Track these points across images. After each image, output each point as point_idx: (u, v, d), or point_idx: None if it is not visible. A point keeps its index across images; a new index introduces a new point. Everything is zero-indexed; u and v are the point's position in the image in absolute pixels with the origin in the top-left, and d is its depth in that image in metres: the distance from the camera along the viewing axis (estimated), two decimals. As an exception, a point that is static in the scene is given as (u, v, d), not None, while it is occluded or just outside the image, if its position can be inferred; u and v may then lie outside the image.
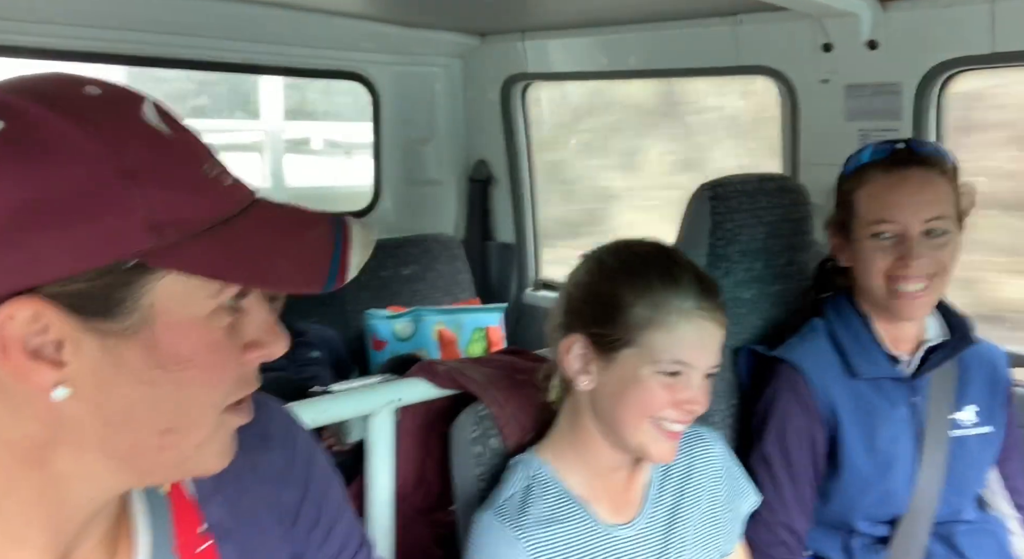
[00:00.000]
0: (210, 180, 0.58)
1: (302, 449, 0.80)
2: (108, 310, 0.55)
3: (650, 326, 1.08)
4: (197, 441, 0.61)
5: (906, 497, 1.45)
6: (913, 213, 1.41)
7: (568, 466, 1.17)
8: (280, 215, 0.62)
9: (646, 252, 1.15)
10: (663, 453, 1.12)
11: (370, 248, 0.62)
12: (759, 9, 1.96)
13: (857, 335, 1.51)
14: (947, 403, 1.49)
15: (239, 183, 0.61)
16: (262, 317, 0.63)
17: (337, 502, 0.84)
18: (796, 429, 1.47)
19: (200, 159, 0.59)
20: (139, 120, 0.57)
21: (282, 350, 0.65)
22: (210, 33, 2.25)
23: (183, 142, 0.59)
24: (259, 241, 0.58)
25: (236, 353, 0.61)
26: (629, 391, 1.10)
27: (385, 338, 2.37)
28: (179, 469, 0.64)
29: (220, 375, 0.61)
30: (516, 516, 1.11)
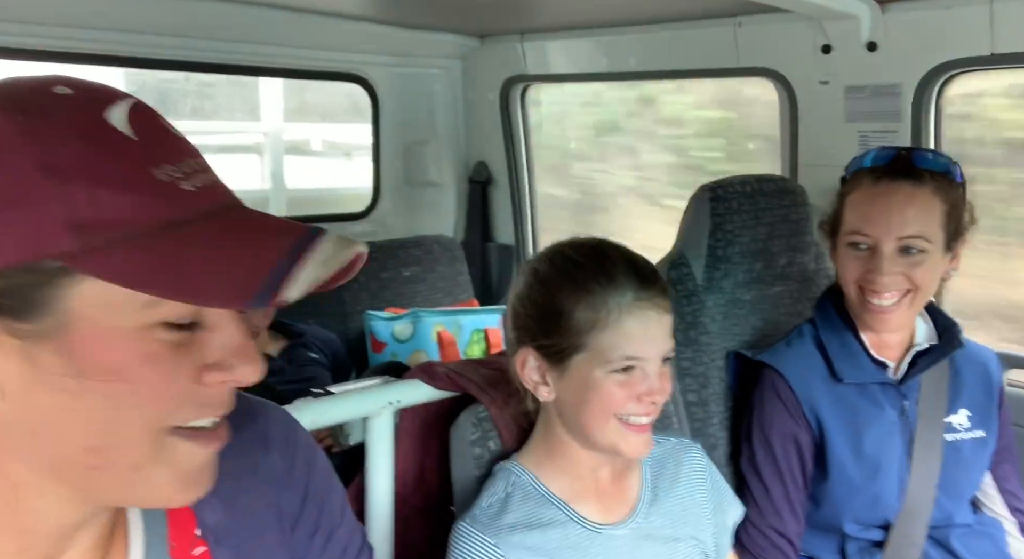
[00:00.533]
0: (161, 183, 0.54)
1: (303, 453, 0.79)
2: (24, 311, 0.53)
3: (594, 328, 1.07)
4: (131, 463, 0.57)
5: (896, 501, 1.45)
6: (887, 229, 1.39)
7: (549, 470, 1.17)
8: (245, 224, 0.57)
9: (578, 254, 1.12)
10: (634, 448, 1.12)
11: (338, 263, 0.56)
12: (759, 11, 1.97)
13: (843, 340, 1.51)
14: (940, 407, 1.49)
15: (210, 189, 0.57)
16: (228, 337, 0.58)
17: (338, 506, 0.83)
18: (781, 433, 1.48)
19: (157, 162, 0.55)
20: (94, 119, 0.55)
21: (251, 376, 0.59)
22: (210, 35, 2.25)
23: (140, 143, 0.55)
24: (193, 249, 0.54)
25: (183, 372, 0.57)
26: (588, 395, 1.09)
27: (384, 339, 2.36)
28: (127, 493, 0.60)
29: (157, 393, 0.56)
30: (492, 523, 1.10)
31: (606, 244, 1.14)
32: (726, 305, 1.69)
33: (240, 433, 0.74)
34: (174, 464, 0.59)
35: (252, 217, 0.59)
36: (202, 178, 0.57)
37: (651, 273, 1.11)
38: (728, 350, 1.66)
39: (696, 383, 1.62)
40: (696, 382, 1.62)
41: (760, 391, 1.52)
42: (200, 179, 0.57)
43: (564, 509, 1.14)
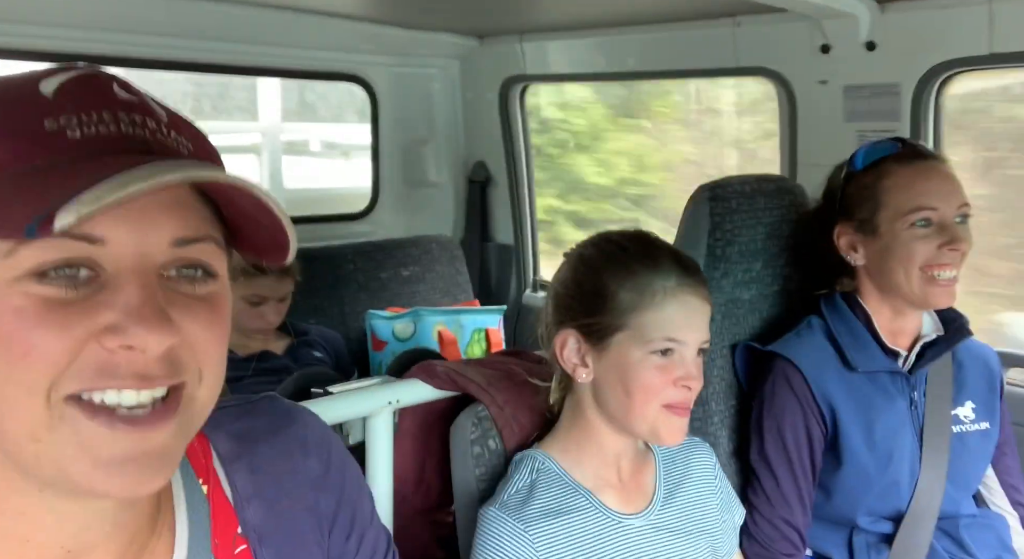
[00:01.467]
0: (44, 131, 0.54)
1: (336, 457, 0.80)
2: None
3: (637, 308, 1.11)
4: (26, 431, 0.54)
5: (908, 491, 1.46)
6: (949, 199, 1.43)
7: (573, 459, 1.18)
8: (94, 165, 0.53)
9: (624, 240, 1.17)
10: (673, 433, 1.14)
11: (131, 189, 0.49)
12: (758, 11, 1.97)
13: (854, 331, 1.51)
14: (946, 399, 1.50)
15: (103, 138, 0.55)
16: (128, 298, 0.54)
17: (369, 509, 0.84)
18: (793, 424, 1.48)
19: (56, 114, 0.54)
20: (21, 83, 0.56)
21: (146, 338, 0.53)
22: (208, 35, 2.25)
23: (55, 102, 0.55)
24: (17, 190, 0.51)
25: (64, 330, 0.52)
26: (627, 377, 1.12)
27: (385, 338, 2.37)
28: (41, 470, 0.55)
29: (27, 350, 0.52)
30: (521, 508, 1.12)
31: (650, 234, 1.19)
32: (725, 305, 1.69)
33: (279, 436, 0.76)
34: (84, 445, 0.54)
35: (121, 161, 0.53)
36: (105, 128, 0.55)
37: (694, 264, 1.16)
38: (732, 343, 1.66)
39: (695, 382, 1.62)
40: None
41: (772, 382, 1.52)
42: (100, 128, 0.55)
43: (588, 497, 1.15)
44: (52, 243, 0.51)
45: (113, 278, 0.54)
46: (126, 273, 0.54)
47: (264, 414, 0.77)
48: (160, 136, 0.58)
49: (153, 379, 0.55)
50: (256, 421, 0.76)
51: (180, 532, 0.68)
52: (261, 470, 0.73)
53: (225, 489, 0.72)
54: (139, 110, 0.58)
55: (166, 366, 0.56)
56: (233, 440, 0.73)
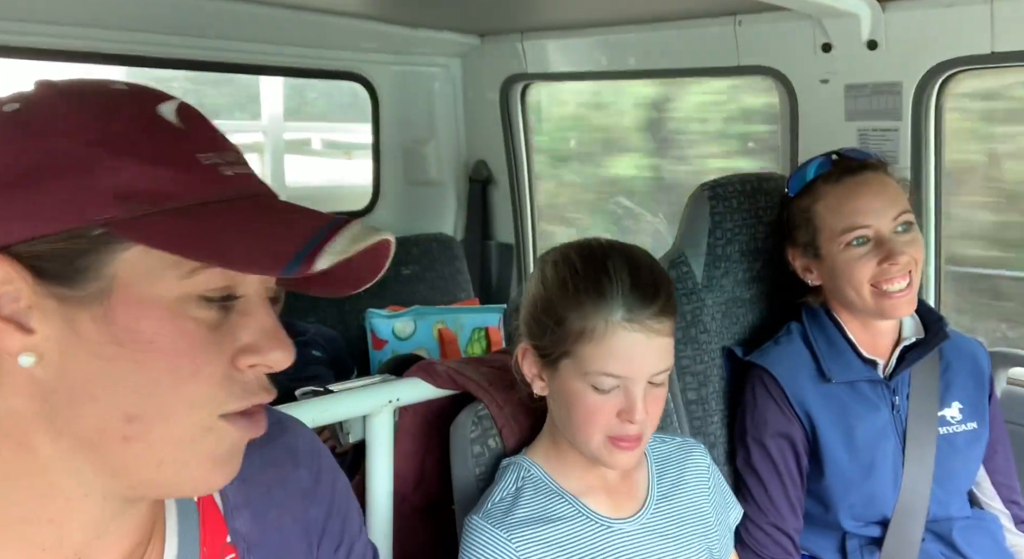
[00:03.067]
0: (203, 166, 0.57)
1: (327, 468, 0.81)
2: (70, 276, 0.55)
3: (580, 339, 1.07)
4: (173, 438, 0.58)
5: (892, 498, 1.46)
6: (882, 213, 1.43)
7: (558, 464, 1.17)
8: (278, 206, 0.60)
9: (581, 261, 1.11)
10: (616, 463, 1.11)
11: (364, 242, 0.57)
12: (759, 9, 1.97)
13: (831, 340, 1.52)
14: (932, 402, 1.50)
15: (246, 177, 0.60)
16: (261, 321, 0.60)
17: (357, 522, 0.85)
18: (774, 432, 1.49)
19: (200, 148, 0.58)
20: (146, 109, 0.58)
21: (282, 361, 0.61)
22: (210, 33, 2.24)
23: (187, 132, 0.59)
24: (233, 222, 0.56)
25: (219, 352, 0.58)
26: (571, 403, 1.09)
27: (385, 337, 2.37)
28: (161, 473, 0.59)
29: (193, 369, 0.57)
30: (505, 517, 1.11)
31: (614, 252, 1.12)
32: (726, 303, 1.69)
33: (270, 446, 0.76)
34: (214, 446, 0.60)
35: (279, 204, 0.61)
36: (239, 168, 0.60)
37: (651, 292, 1.07)
38: (726, 348, 1.66)
39: (696, 381, 1.62)
40: (696, 380, 1.62)
41: (751, 390, 1.53)
42: (238, 168, 0.60)
43: (574, 503, 1.14)
44: (218, 271, 0.57)
45: (245, 303, 0.60)
46: (256, 299, 0.61)
47: None
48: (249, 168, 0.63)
49: (269, 390, 0.63)
50: None
51: (170, 539, 0.68)
52: (251, 479, 0.73)
53: (215, 497, 0.72)
54: (236, 148, 0.63)
55: (269, 381, 0.63)
56: None
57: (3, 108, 0.57)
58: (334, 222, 0.57)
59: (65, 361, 0.56)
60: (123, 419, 0.56)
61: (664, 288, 1.10)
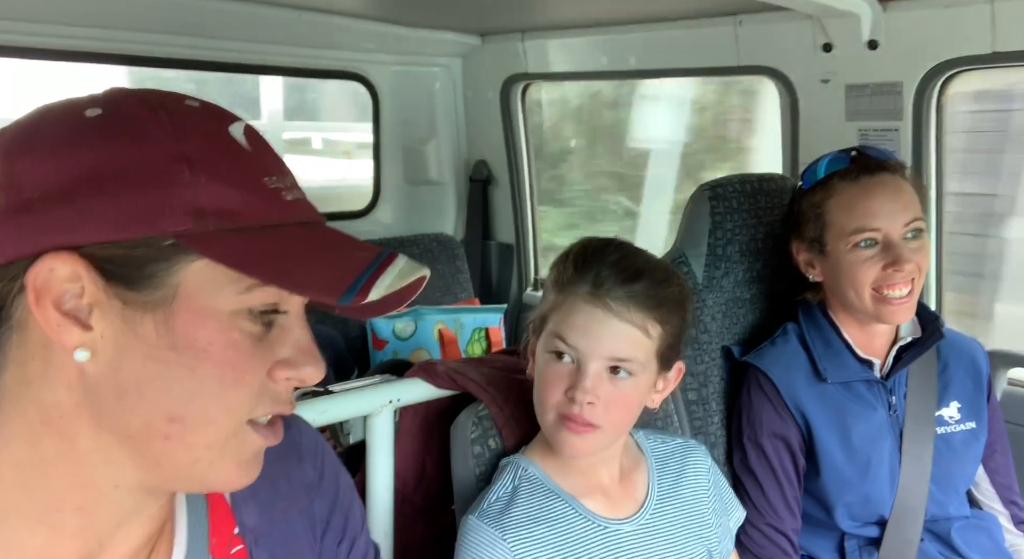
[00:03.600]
0: (269, 189, 0.61)
1: (330, 463, 0.83)
2: (137, 280, 0.58)
3: (554, 308, 1.12)
4: (208, 441, 0.61)
5: (889, 498, 1.46)
6: (893, 218, 1.41)
7: (555, 464, 1.17)
8: (333, 236, 0.64)
9: (579, 246, 1.16)
10: (564, 446, 1.11)
11: (408, 279, 0.62)
12: (759, 9, 1.96)
13: (828, 340, 1.51)
14: (929, 402, 1.50)
15: (303, 204, 0.64)
16: (299, 337, 0.64)
17: (360, 517, 0.86)
18: (770, 432, 1.49)
19: (267, 172, 0.62)
20: (219, 128, 0.62)
21: (314, 376, 0.65)
22: (210, 33, 2.24)
23: (254, 155, 0.62)
24: (293, 247, 0.60)
25: (261, 363, 0.62)
26: (539, 373, 1.13)
27: (386, 337, 2.37)
28: (193, 470, 0.63)
29: (237, 377, 0.61)
30: (500, 516, 1.11)
31: (611, 244, 1.15)
32: (726, 304, 1.69)
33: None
34: (242, 450, 0.64)
35: (333, 232, 0.65)
36: (297, 193, 0.64)
37: (629, 276, 1.08)
38: (725, 348, 1.66)
39: (696, 382, 1.62)
40: (696, 381, 1.62)
41: (747, 391, 1.53)
42: (296, 193, 0.64)
43: (572, 503, 1.14)
44: (272, 290, 0.61)
45: (286, 319, 0.64)
46: (295, 316, 0.65)
47: None
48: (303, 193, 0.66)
49: (292, 405, 0.66)
50: None
51: (180, 531, 0.70)
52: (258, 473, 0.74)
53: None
54: (291, 172, 0.66)
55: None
56: None
57: (85, 113, 0.59)
58: (383, 255, 0.63)
59: (120, 360, 0.58)
60: (166, 419, 0.60)
61: (650, 279, 1.10)
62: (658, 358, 1.12)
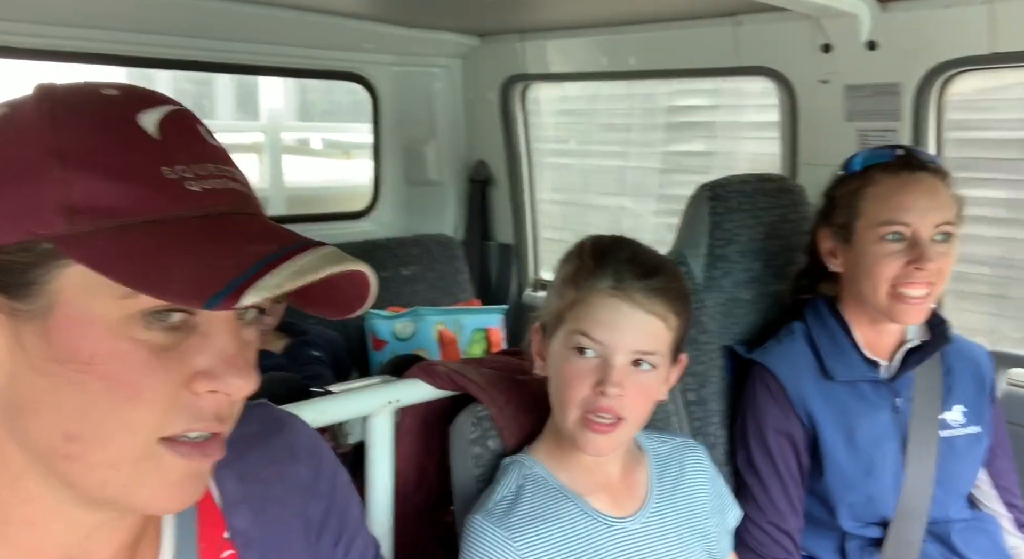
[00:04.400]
0: (165, 180, 0.55)
1: (327, 464, 0.81)
2: (19, 289, 0.54)
3: (572, 305, 1.11)
4: (110, 461, 0.56)
5: (892, 499, 1.46)
6: (924, 216, 1.40)
7: (559, 462, 1.17)
8: (236, 229, 0.56)
9: (592, 242, 1.17)
10: (588, 445, 1.11)
11: (315, 275, 0.53)
12: (759, 10, 1.97)
13: (835, 339, 1.51)
14: (934, 405, 1.50)
15: (218, 193, 0.57)
16: (221, 345, 0.57)
17: (357, 516, 0.85)
18: (775, 429, 1.48)
19: (170, 161, 0.55)
20: (123, 117, 0.56)
21: (241, 387, 0.58)
22: (210, 34, 2.25)
23: (160, 143, 0.56)
24: (172, 243, 0.53)
25: (164, 376, 0.55)
26: (557, 370, 1.13)
27: (385, 338, 2.37)
28: (107, 492, 0.57)
29: (132, 393, 0.55)
30: (505, 516, 1.11)
31: (622, 240, 1.17)
32: (725, 304, 1.69)
33: (270, 442, 0.76)
34: (158, 473, 0.58)
35: (248, 223, 0.58)
36: (216, 182, 0.57)
37: (647, 269, 1.11)
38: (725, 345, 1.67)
39: (696, 382, 1.62)
40: (696, 381, 1.62)
41: (752, 389, 1.53)
42: (213, 183, 0.57)
43: (576, 501, 1.15)
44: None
45: (204, 323, 0.57)
46: (218, 320, 0.57)
47: (255, 421, 0.77)
48: (248, 190, 0.61)
49: (225, 420, 0.60)
50: (247, 427, 0.75)
51: (167, 535, 0.68)
52: (250, 476, 0.73)
53: (214, 494, 0.72)
54: (228, 160, 0.60)
55: (231, 408, 0.60)
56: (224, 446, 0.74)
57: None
58: (284, 250, 0.54)
59: (13, 375, 0.55)
60: (63, 437, 0.55)
61: (665, 274, 1.13)
62: (672, 349, 1.14)
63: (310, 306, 0.64)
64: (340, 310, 0.62)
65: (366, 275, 0.59)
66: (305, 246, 0.55)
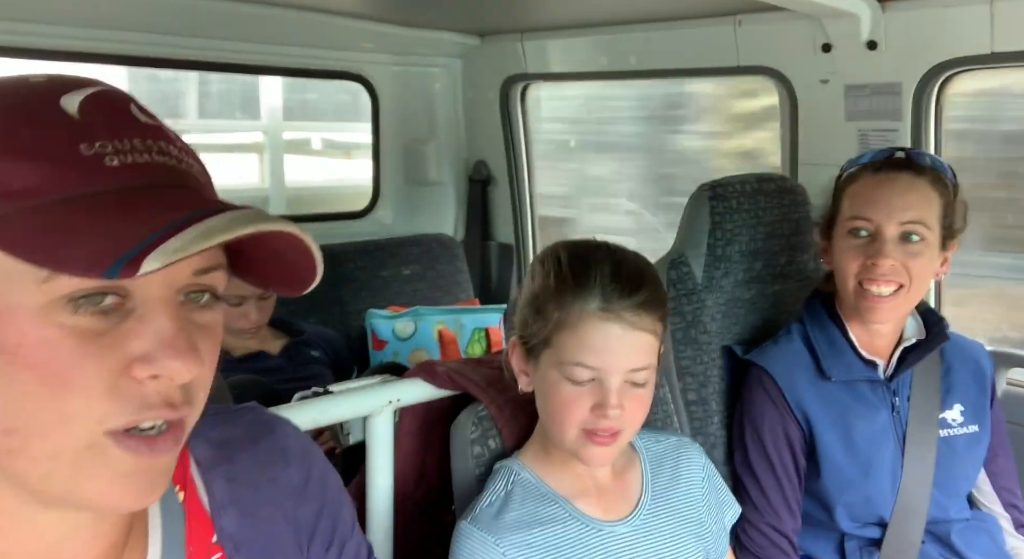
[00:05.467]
0: (82, 157, 0.53)
1: (318, 467, 0.80)
2: None
3: (559, 328, 1.08)
4: (49, 453, 0.54)
5: (890, 499, 1.46)
6: (889, 213, 1.40)
7: (547, 467, 1.17)
8: (150, 200, 0.54)
9: (566, 253, 1.13)
10: (591, 458, 1.11)
11: (215, 239, 0.51)
12: (759, 9, 1.97)
13: (831, 338, 1.51)
14: (933, 404, 1.50)
15: (140, 167, 0.55)
16: (158, 327, 0.54)
17: (349, 520, 0.84)
18: (772, 430, 1.49)
19: (88, 138, 0.54)
20: (42, 100, 0.55)
21: (181, 371, 0.55)
22: (210, 33, 2.25)
23: (79, 123, 0.54)
24: (78, 220, 0.51)
25: (98, 362, 0.53)
26: (548, 395, 1.10)
27: (386, 338, 2.37)
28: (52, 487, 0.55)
29: (62, 381, 0.52)
30: (494, 521, 1.10)
31: (599, 248, 1.13)
32: (726, 304, 1.69)
33: (259, 445, 0.76)
34: (105, 466, 0.55)
35: (174, 196, 0.56)
36: (140, 157, 0.55)
37: (632, 285, 1.08)
38: (724, 345, 1.67)
39: (696, 382, 1.62)
40: (696, 381, 1.62)
41: (749, 389, 1.53)
42: (135, 158, 0.55)
43: (565, 506, 1.14)
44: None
45: (141, 306, 0.55)
46: (154, 302, 0.55)
47: (244, 423, 0.77)
48: (184, 165, 0.59)
49: (176, 407, 0.56)
50: (236, 430, 0.76)
51: (153, 540, 0.67)
52: (239, 479, 0.73)
53: (202, 497, 0.71)
54: (162, 136, 0.58)
55: (183, 394, 0.57)
56: (212, 448, 0.73)
57: None
58: (190, 217, 0.51)
59: None
60: (2, 432, 0.53)
61: (648, 284, 1.10)
62: (659, 353, 1.13)
63: (269, 284, 0.62)
64: (296, 286, 0.60)
65: (304, 241, 0.56)
66: (222, 210, 0.53)
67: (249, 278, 0.63)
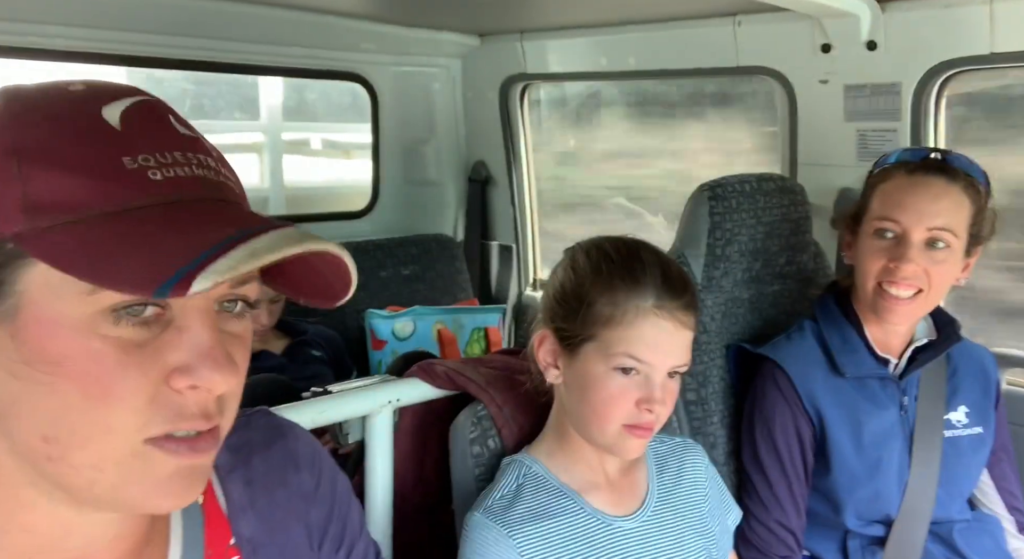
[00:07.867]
0: (126, 170, 0.54)
1: (327, 470, 0.81)
2: None
3: (609, 323, 1.10)
4: (92, 462, 0.55)
5: (896, 497, 1.46)
6: (919, 218, 1.39)
7: (560, 461, 1.18)
8: (197, 216, 0.55)
9: (614, 250, 1.15)
10: (629, 450, 1.14)
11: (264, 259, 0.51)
12: (758, 10, 1.97)
13: (844, 335, 1.51)
14: (939, 404, 1.50)
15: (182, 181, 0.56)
16: (197, 338, 0.55)
17: (358, 521, 0.85)
18: (783, 425, 1.48)
19: (132, 151, 0.54)
20: (86, 111, 0.55)
21: (218, 382, 0.56)
22: (209, 33, 2.25)
23: (122, 134, 0.55)
24: (126, 235, 0.51)
25: (139, 373, 0.54)
26: (590, 388, 1.11)
27: (385, 337, 2.37)
28: (96, 492, 0.56)
29: (104, 392, 0.53)
30: (505, 513, 1.11)
31: (644, 247, 1.17)
32: (725, 304, 1.69)
33: (272, 449, 0.77)
34: (147, 472, 0.56)
35: (215, 210, 0.56)
36: (182, 170, 0.56)
37: (680, 286, 1.12)
38: (727, 344, 1.66)
39: (695, 382, 1.62)
40: (695, 381, 1.62)
41: (760, 384, 1.53)
42: (177, 171, 0.56)
43: (576, 500, 1.15)
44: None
45: (179, 316, 0.55)
46: (192, 312, 0.56)
47: (258, 427, 0.78)
48: (222, 177, 0.59)
49: (212, 417, 0.58)
50: (251, 434, 0.77)
51: (174, 541, 0.68)
52: (255, 482, 0.74)
53: (220, 500, 0.72)
54: (201, 148, 0.59)
55: (220, 404, 0.58)
56: (229, 452, 0.73)
57: None
58: (239, 235, 0.52)
59: None
60: (41, 439, 0.54)
61: (690, 285, 1.15)
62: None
63: (300, 295, 0.63)
64: (327, 298, 0.61)
65: (341, 258, 0.57)
66: (268, 229, 0.53)
67: (279, 286, 0.64)
